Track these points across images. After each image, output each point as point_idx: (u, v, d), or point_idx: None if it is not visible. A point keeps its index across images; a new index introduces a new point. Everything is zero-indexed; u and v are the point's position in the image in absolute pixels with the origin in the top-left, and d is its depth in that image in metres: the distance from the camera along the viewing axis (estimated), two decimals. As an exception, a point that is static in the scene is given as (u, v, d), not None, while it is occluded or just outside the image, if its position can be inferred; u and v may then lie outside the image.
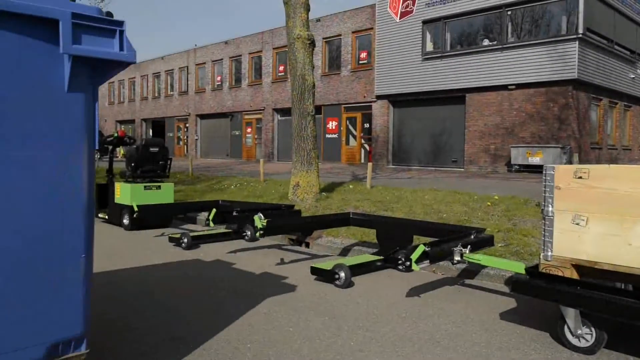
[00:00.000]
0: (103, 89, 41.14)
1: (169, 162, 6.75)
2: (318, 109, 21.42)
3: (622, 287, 2.85)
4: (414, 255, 3.12)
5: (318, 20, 25.14)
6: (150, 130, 36.49)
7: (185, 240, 5.11)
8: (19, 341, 1.71)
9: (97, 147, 1.89)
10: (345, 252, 4.92)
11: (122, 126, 38.43)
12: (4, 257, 1.69)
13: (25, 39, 1.63)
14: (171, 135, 35.02)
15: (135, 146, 6.59)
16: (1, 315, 1.65)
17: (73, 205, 1.84)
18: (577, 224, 2.56)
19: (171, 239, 5.32)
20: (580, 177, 2.56)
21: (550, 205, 2.66)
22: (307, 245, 5.35)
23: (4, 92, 1.60)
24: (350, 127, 23.21)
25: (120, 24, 1.79)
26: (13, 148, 1.65)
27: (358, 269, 3.93)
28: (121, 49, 1.79)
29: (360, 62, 23.63)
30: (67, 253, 1.83)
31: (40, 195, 1.76)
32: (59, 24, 1.65)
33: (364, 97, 22.12)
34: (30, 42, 1.64)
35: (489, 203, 6.63)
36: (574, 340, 2.56)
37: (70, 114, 1.77)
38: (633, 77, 20.93)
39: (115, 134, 6.75)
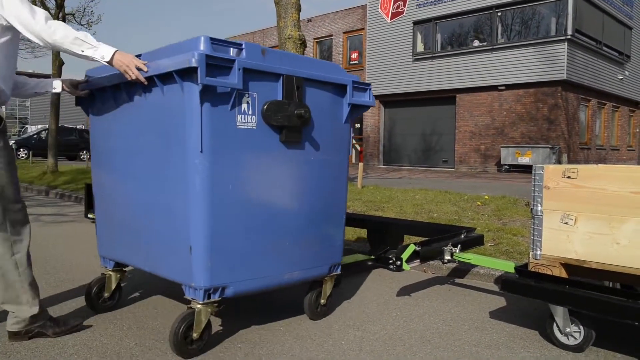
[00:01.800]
0: (93, 88, 40.74)
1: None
2: (309, 109, 21.36)
3: (610, 285, 2.88)
4: (405, 255, 3.13)
5: (309, 20, 25.14)
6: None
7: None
8: (320, 261, 2.90)
9: (350, 154, 3.06)
10: (336, 251, 4.92)
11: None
12: (320, 214, 2.85)
13: (330, 95, 2.88)
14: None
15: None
16: (316, 246, 2.85)
17: (344, 186, 3.03)
18: (566, 223, 2.58)
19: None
20: (569, 177, 2.58)
21: (539, 205, 2.68)
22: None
23: (326, 124, 2.86)
24: (342, 127, 23.17)
25: (369, 84, 3.06)
26: (326, 154, 2.87)
27: (349, 269, 3.94)
28: (369, 98, 3.06)
29: (352, 62, 23.67)
30: (340, 213, 3.00)
31: (334, 179, 2.94)
32: (347, 87, 2.91)
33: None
34: (334, 96, 2.90)
35: (479, 203, 6.67)
36: (562, 338, 2.58)
37: (344, 135, 3.00)
38: (621, 78, 21.16)
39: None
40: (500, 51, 17.92)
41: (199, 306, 2.40)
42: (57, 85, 2.91)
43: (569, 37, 16.56)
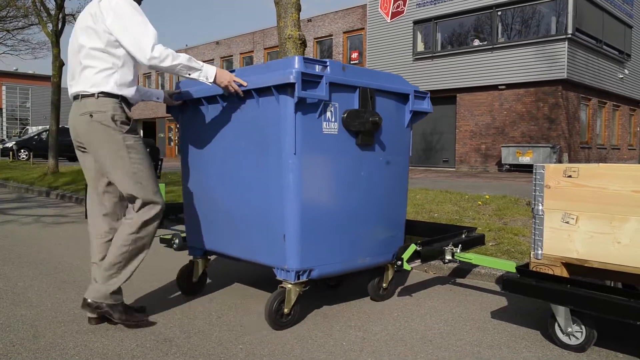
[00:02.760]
0: (93, 89, 40.80)
1: (160, 163, 6.72)
2: (309, 109, 21.34)
3: (612, 284, 2.87)
4: (406, 255, 3.12)
5: (309, 20, 25.13)
6: (141, 131, 36.28)
7: (177, 241, 5.07)
8: (386, 249, 3.26)
9: (407, 156, 3.42)
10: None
11: (113, 127, 38.13)
12: (387, 207, 3.24)
13: (395, 103, 3.25)
14: (162, 135, 34.82)
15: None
16: (383, 235, 3.23)
17: (405, 183, 3.41)
18: (567, 222, 2.58)
19: (162, 240, 5.28)
20: (569, 176, 2.57)
21: (540, 204, 2.67)
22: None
23: (392, 129, 3.24)
24: (342, 127, 23.16)
25: (427, 93, 3.43)
26: (392, 155, 3.25)
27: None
28: (428, 105, 3.43)
29: (352, 62, 23.65)
30: (402, 206, 3.40)
31: (398, 177, 3.32)
32: (409, 96, 3.29)
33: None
34: (398, 104, 3.28)
35: (480, 202, 6.66)
36: (564, 338, 2.57)
37: (406, 138, 3.37)
38: (621, 77, 21.12)
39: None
40: (501, 50, 17.91)
41: (289, 286, 2.80)
42: (160, 95, 3.28)
43: (569, 36, 16.55)
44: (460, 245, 3.39)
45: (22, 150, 25.66)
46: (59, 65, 13.13)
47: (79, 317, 2.96)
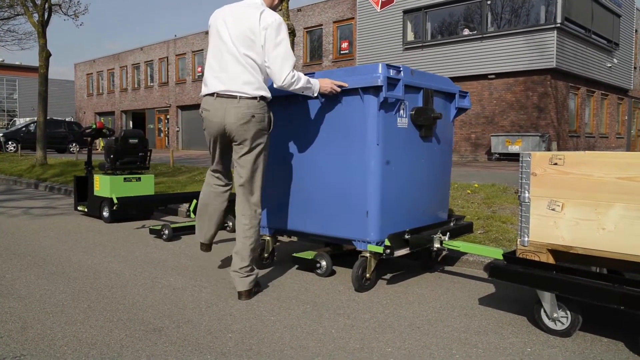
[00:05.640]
0: (81, 81, 40.44)
1: (148, 154, 6.68)
2: (300, 100, 21.28)
3: (597, 270, 2.91)
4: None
5: (299, 10, 24.98)
6: (131, 122, 36.01)
7: (166, 231, 5.08)
8: (441, 213, 3.90)
9: (452, 146, 3.96)
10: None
11: (102, 118, 37.85)
12: (440, 182, 3.84)
13: (443, 101, 3.76)
14: (152, 126, 34.55)
15: (114, 138, 6.51)
16: (438, 203, 3.84)
17: (450, 164, 3.97)
18: (553, 209, 2.60)
19: (152, 231, 5.28)
20: (555, 164, 2.59)
21: (526, 192, 2.69)
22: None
23: (442, 123, 3.74)
24: (332, 118, 23.11)
25: (467, 92, 3.95)
26: (442, 144, 3.79)
27: (339, 258, 3.95)
28: (468, 103, 3.95)
29: (342, 52, 23.56)
30: (448, 182, 3.98)
31: (446, 160, 3.89)
32: (455, 95, 3.83)
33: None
34: (445, 102, 3.79)
35: (469, 191, 6.70)
36: (550, 324, 2.61)
37: (450, 130, 3.91)
38: (610, 66, 21.22)
39: (93, 126, 6.65)
40: (490, 40, 17.92)
41: (369, 255, 3.26)
42: None
43: (558, 25, 16.59)
44: (448, 233, 3.42)
45: (10, 142, 25.39)
46: (46, 56, 12.96)
47: (67, 308, 2.96)
